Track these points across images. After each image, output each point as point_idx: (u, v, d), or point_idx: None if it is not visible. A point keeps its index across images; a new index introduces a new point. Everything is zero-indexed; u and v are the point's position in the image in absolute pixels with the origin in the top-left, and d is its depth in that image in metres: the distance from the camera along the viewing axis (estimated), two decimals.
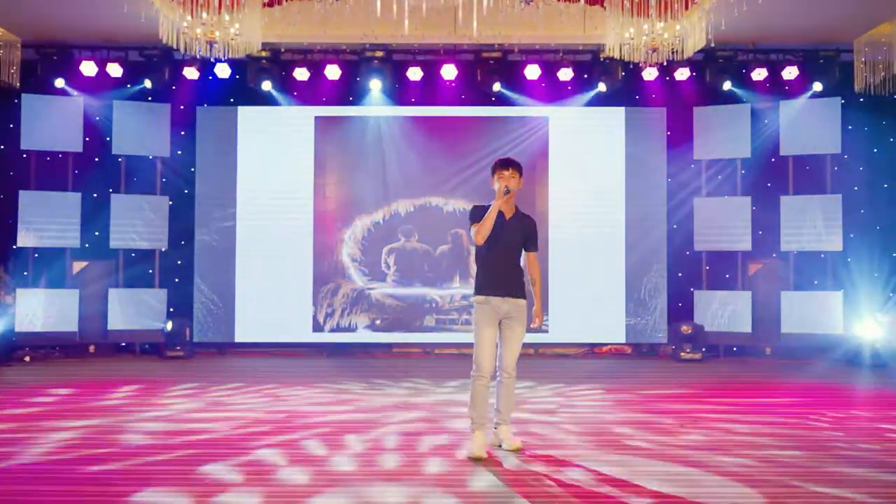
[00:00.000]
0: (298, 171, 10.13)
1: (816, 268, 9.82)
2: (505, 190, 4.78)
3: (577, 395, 6.91)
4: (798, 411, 6.11)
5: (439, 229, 10.10)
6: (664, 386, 7.47)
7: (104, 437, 5.09)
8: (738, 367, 9.06)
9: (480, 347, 4.78)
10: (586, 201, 10.13)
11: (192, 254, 10.06)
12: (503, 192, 4.78)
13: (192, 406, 6.27)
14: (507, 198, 4.80)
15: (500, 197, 4.78)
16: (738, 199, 9.98)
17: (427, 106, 10.14)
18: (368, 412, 6.04)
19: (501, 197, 4.77)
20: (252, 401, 6.53)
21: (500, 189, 4.80)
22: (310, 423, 5.60)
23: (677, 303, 10.12)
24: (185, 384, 7.36)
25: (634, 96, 10.18)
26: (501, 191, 4.79)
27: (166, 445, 4.85)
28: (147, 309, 9.86)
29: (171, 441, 4.98)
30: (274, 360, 9.41)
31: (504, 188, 4.79)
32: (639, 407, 6.31)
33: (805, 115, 9.74)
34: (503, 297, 4.80)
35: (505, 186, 4.79)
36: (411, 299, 10.09)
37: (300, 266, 10.07)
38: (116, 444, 4.89)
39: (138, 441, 4.98)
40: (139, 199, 9.97)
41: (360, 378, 7.87)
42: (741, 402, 6.56)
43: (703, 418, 5.82)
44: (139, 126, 9.94)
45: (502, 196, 4.78)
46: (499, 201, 4.77)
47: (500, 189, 4.80)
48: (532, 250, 5.00)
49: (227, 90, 10.06)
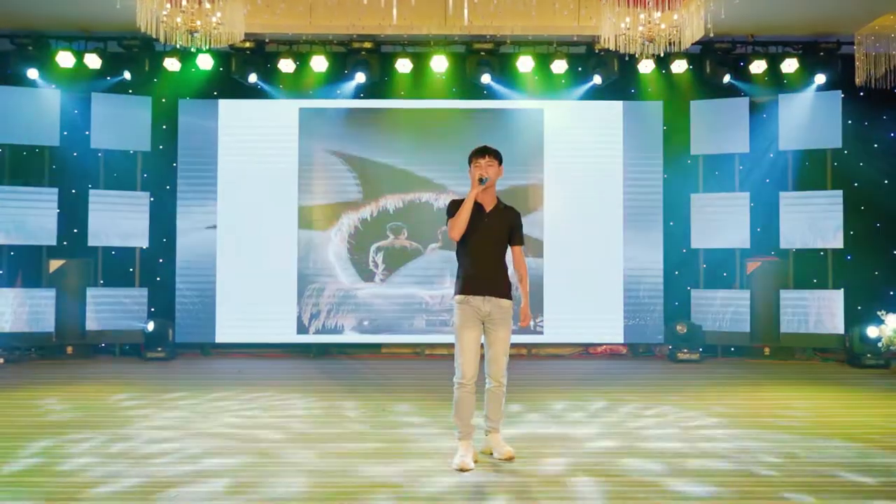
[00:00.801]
0: (283, 165, 9.82)
1: (816, 266, 9.58)
2: (480, 179, 4.48)
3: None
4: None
5: (429, 226, 9.79)
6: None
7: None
8: (737, 368, 8.80)
9: (462, 351, 4.48)
10: (581, 197, 9.86)
11: (173, 252, 9.74)
12: (478, 181, 4.47)
13: (159, 424, 5.96)
14: (482, 188, 4.48)
15: (474, 186, 4.46)
16: (736, 196, 9.73)
17: (416, 99, 9.84)
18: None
19: (476, 186, 4.45)
20: (228, 419, 6.23)
21: (474, 178, 4.49)
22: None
23: (673, 302, 9.87)
24: (150, 395, 7.04)
25: (630, 89, 9.91)
26: (476, 180, 4.47)
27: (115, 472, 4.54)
28: (127, 309, 9.53)
29: (117, 464, 4.67)
30: (258, 363, 9.10)
31: (479, 177, 4.48)
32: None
33: (805, 109, 9.50)
34: (484, 297, 4.49)
35: (480, 175, 4.48)
36: (401, 300, 9.79)
37: (284, 265, 9.75)
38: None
39: (82, 464, 4.67)
40: (119, 195, 9.63)
41: (350, 386, 7.58)
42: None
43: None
44: (119, 119, 9.59)
45: (477, 186, 4.46)
46: (474, 191, 4.44)
47: (474, 178, 4.49)
48: (517, 244, 4.67)
49: (210, 82, 9.73)
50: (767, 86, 9.57)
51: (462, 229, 4.43)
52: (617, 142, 9.88)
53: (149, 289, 9.68)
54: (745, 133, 9.64)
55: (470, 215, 4.42)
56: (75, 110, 9.55)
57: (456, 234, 4.45)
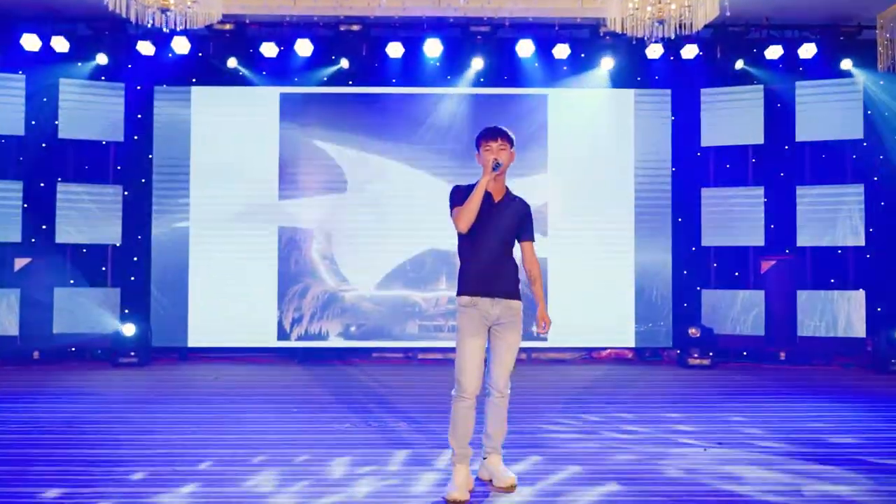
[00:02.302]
0: (264, 156, 9.18)
1: (835, 264, 8.97)
2: (494, 164, 3.87)
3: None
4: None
5: (423, 222, 9.14)
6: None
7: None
8: (754, 375, 8.20)
9: (464, 360, 3.87)
10: (581, 191, 9.26)
11: (148, 249, 9.09)
12: (491, 166, 3.86)
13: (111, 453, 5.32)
14: (495, 174, 3.89)
15: (486, 172, 3.85)
16: (750, 190, 9.14)
17: (409, 87, 9.20)
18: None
19: (489, 172, 3.85)
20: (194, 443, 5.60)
21: (487, 163, 3.87)
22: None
23: (682, 303, 9.28)
24: (112, 406, 6.41)
25: (636, 77, 9.30)
26: (489, 165, 3.86)
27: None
28: (98, 311, 8.89)
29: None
30: (239, 369, 8.47)
31: (493, 161, 3.87)
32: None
33: (823, 98, 8.92)
34: (493, 298, 3.91)
35: (494, 159, 3.88)
36: (391, 303, 9.16)
37: (264, 264, 9.12)
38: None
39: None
40: (90, 188, 8.98)
41: (334, 394, 6.96)
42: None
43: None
44: (90, 108, 8.95)
45: (490, 171, 3.85)
46: (486, 177, 3.84)
47: (487, 163, 3.87)
48: (528, 240, 4.08)
49: (188, 68, 9.07)
50: (783, 73, 8.98)
51: (471, 220, 3.84)
52: (623, 133, 9.28)
53: (122, 289, 9.04)
54: (759, 123, 9.07)
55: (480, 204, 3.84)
56: (44, 98, 8.86)
57: (464, 226, 3.85)
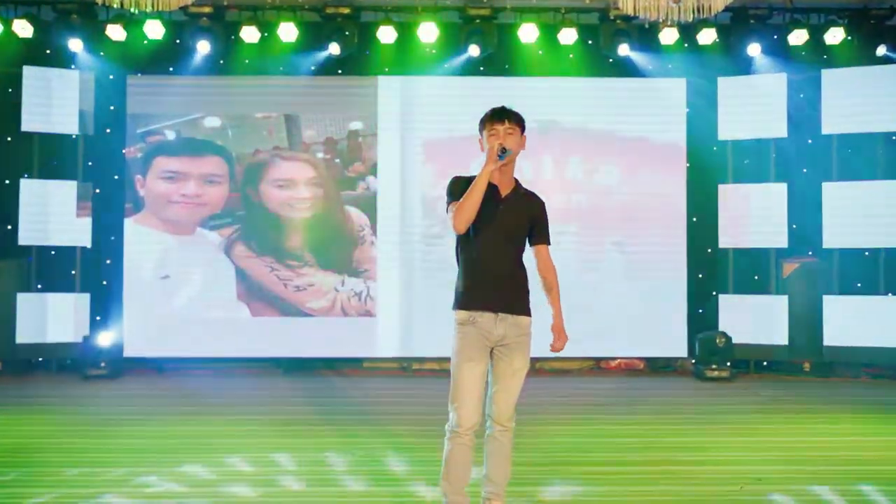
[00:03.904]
0: (244, 149, 8.51)
1: (865, 267, 8.29)
2: (500, 150, 3.18)
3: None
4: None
5: (418, 219, 8.49)
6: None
7: None
8: (783, 388, 7.57)
9: (460, 389, 3.21)
10: (590, 188, 8.60)
11: (121, 251, 8.42)
12: (496, 153, 3.18)
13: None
14: (502, 162, 3.20)
15: (491, 160, 3.17)
16: (772, 187, 8.48)
17: (402, 75, 8.52)
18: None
19: (493, 160, 3.17)
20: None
21: (491, 149, 3.19)
22: None
23: (697, 309, 8.61)
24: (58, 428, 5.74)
25: (648, 65, 8.61)
26: (494, 152, 3.17)
27: None
28: (66, 318, 8.23)
29: None
30: (218, 383, 7.82)
31: (498, 148, 3.20)
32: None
33: (852, 87, 8.23)
34: (497, 314, 3.23)
35: (500, 145, 3.20)
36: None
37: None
38: None
39: None
40: (57, 185, 8.30)
41: (317, 413, 6.29)
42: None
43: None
44: (58, 98, 8.27)
45: (494, 159, 3.17)
46: (489, 166, 3.16)
47: (491, 149, 3.19)
48: (542, 243, 3.40)
49: (164, 55, 8.38)
50: (808, 60, 8.32)
51: (470, 218, 3.15)
52: (634, 125, 8.60)
53: (92, 294, 8.37)
54: (781, 114, 8.40)
55: (482, 199, 3.15)
56: (9, 89, 8.20)
57: (462, 225, 3.16)
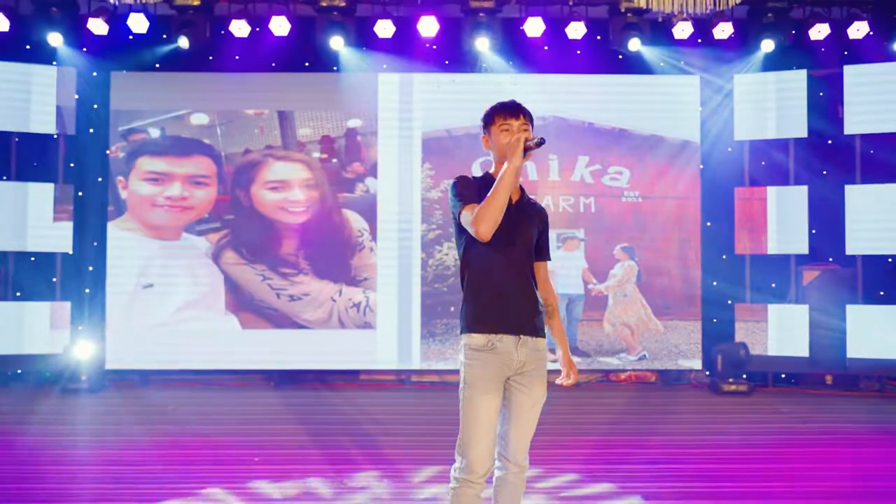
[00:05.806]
0: (232, 150, 8.09)
1: (890, 275, 7.88)
2: (536, 143, 2.68)
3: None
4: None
5: (422, 222, 8.09)
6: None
7: None
8: (810, 403, 7.18)
9: (475, 429, 2.71)
10: (598, 191, 8.18)
11: (104, 258, 7.99)
12: (533, 144, 2.69)
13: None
14: (527, 158, 2.74)
15: (515, 154, 2.68)
16: (791, 190, 8.08)
17: (401, 73, 8.10)
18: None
19: (517, 154, 2.68)
20: None
21: (515, 147, 2.69)
22: None
23: (711, 318, 8.17)
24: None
25: (660, 61, 8.18)
26: (518, 148, 2.69)
27: None
28: (45, 328, 7.79)
29: None
30: (204, 395, 7.38)
31: (533, 142, 2.69)
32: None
33: (876, 84, 7.84)
34: (518, 337, 2.74)
35: (531, 139, 2.70)
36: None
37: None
38: None
39: None
40: (36, 188, 7.86)
41: (317, 441, 5.84)
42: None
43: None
44: (37, 96, 7.85)
45: (518, 153, 2.68)
46: (516, 161, 2.68)
47: (515, 147, 2.69)
48: (545, 259, 2.92)
49: (149, 51, 7.95)
50: (830, 56, 7.92)
51: (498, 222, 2.65)
52: (645, 124, 8.17)
53: (73, 303, 7.93)
54: (801, 114, 7.99)
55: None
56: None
57: (489, 231, 2.64)
